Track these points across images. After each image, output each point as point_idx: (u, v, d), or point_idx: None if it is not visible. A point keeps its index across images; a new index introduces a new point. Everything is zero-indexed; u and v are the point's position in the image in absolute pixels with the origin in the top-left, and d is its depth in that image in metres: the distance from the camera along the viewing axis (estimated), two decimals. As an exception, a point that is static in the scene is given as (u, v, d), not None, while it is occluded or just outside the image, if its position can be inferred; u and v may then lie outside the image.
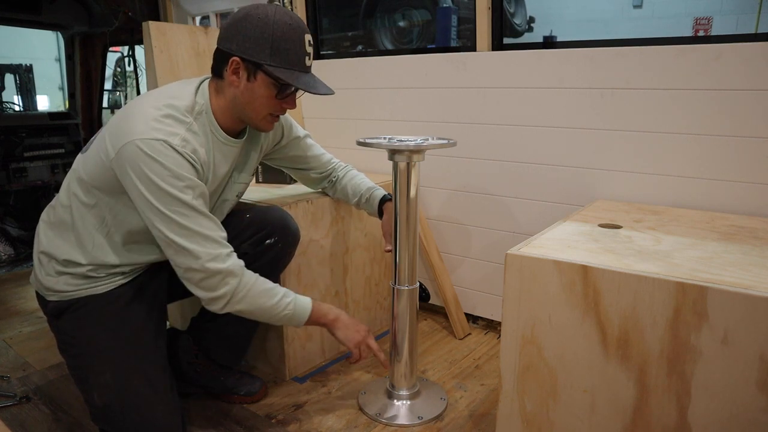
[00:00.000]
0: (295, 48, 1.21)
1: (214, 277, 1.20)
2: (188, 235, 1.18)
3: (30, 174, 3.36)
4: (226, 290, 1.22)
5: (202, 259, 1.18)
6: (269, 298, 1.28)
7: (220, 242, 1.22)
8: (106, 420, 1.26)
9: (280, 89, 1.24)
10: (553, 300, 1.11)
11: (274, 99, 1.25)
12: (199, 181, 1.21)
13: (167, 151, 1.14)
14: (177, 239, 1.18)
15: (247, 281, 1.25)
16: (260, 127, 1.33)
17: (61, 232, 1.30)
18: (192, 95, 1.26)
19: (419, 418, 1.52)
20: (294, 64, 1.22)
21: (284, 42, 1.19)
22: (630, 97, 1.64)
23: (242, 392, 1.59)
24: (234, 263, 1.23)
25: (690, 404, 1.00)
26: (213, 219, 1.23)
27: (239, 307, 1.25)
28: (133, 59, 3.62)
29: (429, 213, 2.15)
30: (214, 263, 1.19)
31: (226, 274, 1.21)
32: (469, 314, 2.13)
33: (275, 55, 1.19)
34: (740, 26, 3.98)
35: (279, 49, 1.19)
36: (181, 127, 1.20)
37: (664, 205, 1.62)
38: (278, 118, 1.34)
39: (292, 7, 2.40)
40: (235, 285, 1.22)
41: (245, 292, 1.24)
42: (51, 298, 1.32)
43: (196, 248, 1.18)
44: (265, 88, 1.23)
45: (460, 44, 2.50)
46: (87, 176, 1.25)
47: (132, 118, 1.18)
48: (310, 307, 1.35)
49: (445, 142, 1.46)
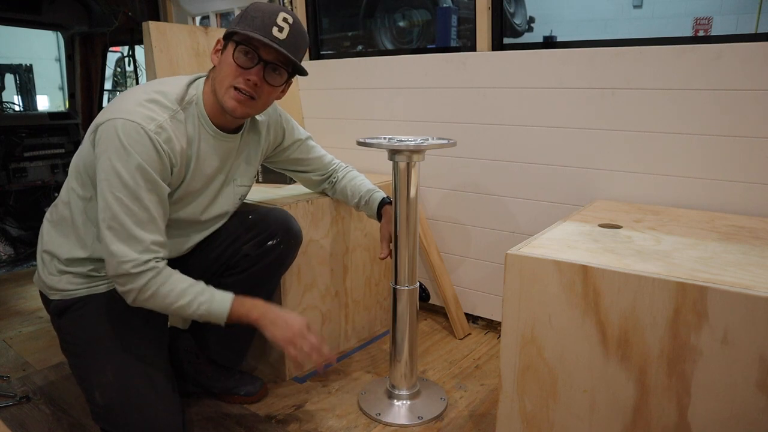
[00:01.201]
0: (263, 16, 1.20)
1: (121, 276, 1.17)
2: (117, 230, 1.15)
3: (30, 174, 3.36)
4: (130, 288, 1.18)
5: (119, 257, 1.16)
6: (178, 299, 1.21)
7: (148, 247, 1.18)
8: (108, 419, 1.26)
9: (236, 49, 1.20)
10: (553, 300, 1.11)
11: (236, 67, 1.21)
12: (158, 179, 1.18)
13: (138, 137, 1.15)
14: (104, 230, 1.16)
15: (154, 284, 1.18)
16: (225, 104, 1.23)
17: (63, 228, 1.31)
18: (184, 87, 1.27)
19: (419, 418, 1.52)
20: (257, 28, 1.19)
21: (254, 11, 1.21)
22: (630, 97, 1.64)
23: (242, 392, 1.59)
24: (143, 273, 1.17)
25: (690, 404, 1.00)
26: (155, 219, 1.19)
27: (147, 305, 1.22)
28: (133, 59, 3.62)
29: (429, 213, 2.15)
30: (128, 266, 1.16)
31: (132, 277, 1.17)
32: (469, 314, 2.13)
33: (242, 22, 1.21)
34: (740, 26, 3.99)
35: (247, 17, 1.21)
36: (164, 112, 1.20)
37: (664, 205, 1.62)
38: (245, 97, 1.23)
39: (292, 7, 2.40)
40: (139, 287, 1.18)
41: (150, 293, 1.19)
42: (53, 297, 1.32)
43: (118, 246, 1.16)
44: (229, 54, 1.22)
45: (460, 44, 2.50)
46: (82, 166, 1.25)
47: (118, 100, 1.21)
48: (227, 308, 1.25)
49: (445, 142, 1.46)
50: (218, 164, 1.35)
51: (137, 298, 1.20)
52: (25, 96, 4.82)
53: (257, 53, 1.21)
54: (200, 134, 1.28)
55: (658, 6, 4.33)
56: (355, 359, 1.87)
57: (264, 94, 1.26)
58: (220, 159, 1.35)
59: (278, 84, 1.27)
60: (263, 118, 1.46)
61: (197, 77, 1.31)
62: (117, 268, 1.17)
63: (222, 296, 1.26)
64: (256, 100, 1.25)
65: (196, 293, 1.23)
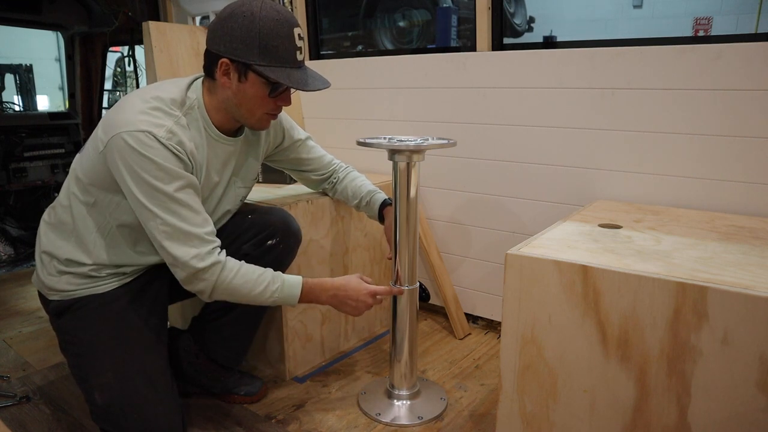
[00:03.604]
0: (284, 44, 1.19)
1: (193, 275, 1.21)
2: (169, 233, 1.18)
3: (30, 174, 3.36)
4: (204, 286, 1.22)
5: (181, 258, 1.19)
6: (252, 288, 1.26)
7: (203, 238, 1.21)
8: (107, 419, 1.26)
9: (273, 88, 1.23)
10: (553, 300, 1.11)
11: (267, 98, 1.24)
12: (186, 173, 1.20)
13: (152, 143, 1.14)
14: (158, 236, 1.18)
15: (226, 276, 1.23)
16: (256, 126, 1.32)
17: (62, 233, 1.30)
18: (183, 91, 1.26)
19: (419, 418, 1.52)
20: (285, 62, 1.20)
21: (273, 39, 1.17)
22: (630, 97, 1.64)
23: (242, 392, 1.59)
24: (214, 261, 1.21)
25: (690, 404, 1.00)
26: (198, 212, 1.22)
27: (222, 298, 1.26)
28: (133, 59, 3.62)
29: (429, 213, 2.15)
30: (195, 261, 1.19)
31: (203, 271, 1.20)
32: (469, 314, 2.13)
33: (264, 54, 1.17)
34: (740, 26, 3.99)
35: (268, 47, 1.17)
36: (168, 119, 1.19)
37: (664, 205, 1.62)
38: (275, 116, 1.33)
39: (292, 7, 2.40)
40: (213, 282, 1.22)
41: (225, 285, 1.23)
42: (53, 298, 1.32)
43: (177, 246, 1.18)
44: (257, 88, 1.22)
45: (460, 44, 2.50)
46: (83, 174, 1.25)
47: (121, 110, 1.19)
48: (298, 293, 1.32)
49: (445, 142, 1.46)
50: (221, 167, 1.35)
51: (212, 295, 1.24)
52: (25, 96, 4.82)
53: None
54: (205, 138, 1.28)
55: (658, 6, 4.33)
56: (355, 359, 1.87)
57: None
58: (223, 162, 1.35)
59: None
60: None
61: (194, 79, 1.30)
62: (184, 269, 1.20)
63: (291, 283, 1.32)
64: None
65: (268, 281, 1.28)
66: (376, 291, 1.41)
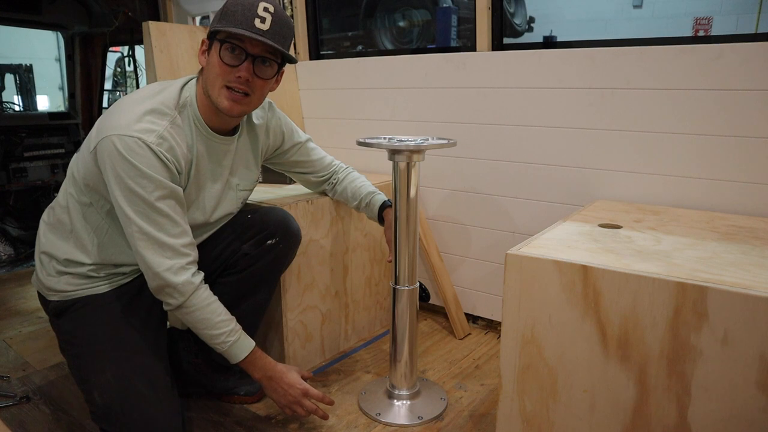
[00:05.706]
0: (243, 9, 1.18)
1: (163, 287, 1.22)
2: (146, 240, 1.18)
3: (30, 174, 3.36)
4: (171, 302, 1.24)
5: (153, 267, 1.20)
6: (209, 327, 1.27)
7: (178, 250, 1.21)
8: (107, 419, 1.26)
9: (221, 48, 1.19)
10: (553, 300, 1.11)
11: (222, 65, 1.20)
12: (170, 183, 1.20)
13: (140, 149, 1.14)
14: (134, 242, 1.19)
15: (194, 303, 1.24)
16: (220, 105, 1.23)
17: (61, 233, 1.31)
18: (177, 90, 1.26)
19: (419, 418, 1.52)
20: (239, 23, 1.16)
21: (233, 5, 1.19)
22: (630, 97, 1.64)
23: (242, 392, 1.59)
24: (185, 280, 1.22)
25: (690, 404, 1.00)
26: (177, 223, 1.22)
27: (181, 318, 1.28)
28: (133, 59, 3.62)
29: (429, 213, 2.15)
30: (167, 274, 1.20)
31: (174, 287, 1.21)
32: (469, 314, 2.13)
33: (223, 19, 1.19)
34: (740, 26, 3.98)
35: (227, 12, 1.19)
36: (163, 120, 1.19)
37: (664, 205, 1.62)
38: (239, 95, 1.22)
39: (292, 7, 2.40)
40: (180, 302, 1.23)
41: (189, 311, 1.25)
42: (52, 298, 1.32)
43: (150, 255, 1.19)
44: (215, 54, 1.21)
45: (460, 44, 2.50)
46: (79, 174, 1.26)
47: (115, 113, 1.20)
48: (243, 357, 1.32)
49: (445, 142, 1.46)
50: (215, 167, 1.35)
51: (175, 312, 1.26)
52: (25, 96, 4.82)
53: (243, 48, 1.19)
54: (196, 135, 1.28)
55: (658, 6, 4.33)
56: (355, 359, 1.87)
57: (257, 89, 1.25)
58: (217, 162, 1.35)
59: (269, 76, 1.26)
60: (260, 121, 1.46)
61: (189, 79, 1.31)
62: (155, 279, 1.21)
63: (242, 345, 1.32)
64: (251, 96, 1.25)
65: (225, 331, 1.28)
66: (308, 391, 1.38)
